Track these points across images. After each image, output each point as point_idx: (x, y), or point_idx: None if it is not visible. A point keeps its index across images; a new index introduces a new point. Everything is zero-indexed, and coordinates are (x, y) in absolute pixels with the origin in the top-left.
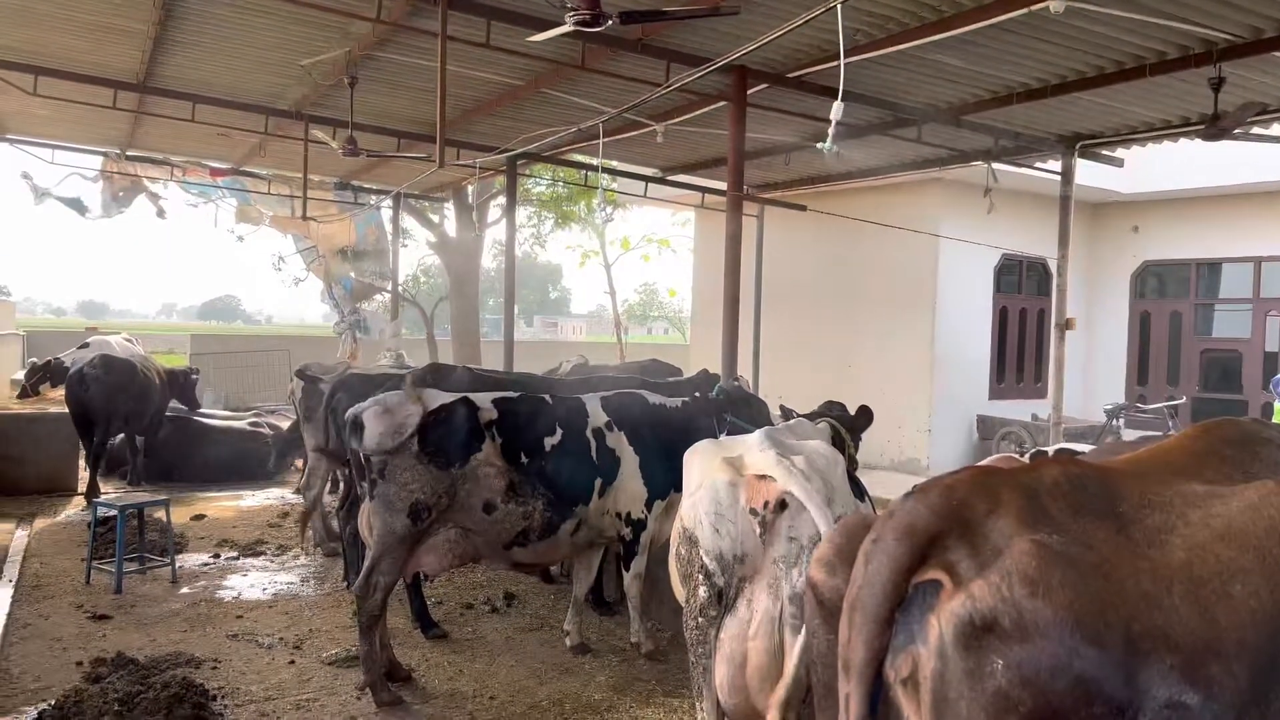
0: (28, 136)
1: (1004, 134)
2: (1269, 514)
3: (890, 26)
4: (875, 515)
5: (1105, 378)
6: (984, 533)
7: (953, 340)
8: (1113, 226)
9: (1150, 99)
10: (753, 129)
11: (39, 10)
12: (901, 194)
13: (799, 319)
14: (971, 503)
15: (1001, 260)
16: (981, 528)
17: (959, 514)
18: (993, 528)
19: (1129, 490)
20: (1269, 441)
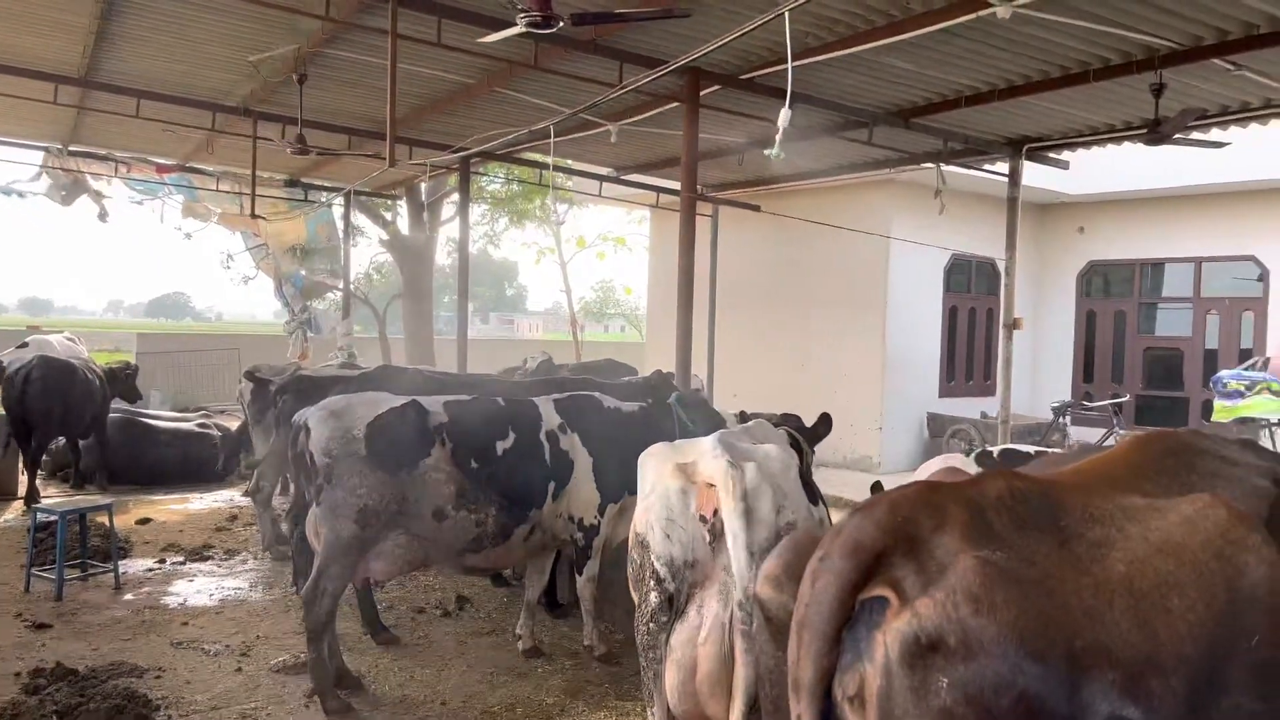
0: None
1: (953, 136)
2: (1205, 527)
3: (840, 30)
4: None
5: (1052, 375)
6: (930, 549)
7: (904, 339)
8: (1059, 227)
9: (1094, 104)
10: (706, 129)
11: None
12: (854, 194)
13: (754, 318)
14: (917, 519)
15: (951, 260)
16: (927, 544)
17: (905, 530)
18: (938, 544)
19: (1071, 504)
20: (1206, 453)
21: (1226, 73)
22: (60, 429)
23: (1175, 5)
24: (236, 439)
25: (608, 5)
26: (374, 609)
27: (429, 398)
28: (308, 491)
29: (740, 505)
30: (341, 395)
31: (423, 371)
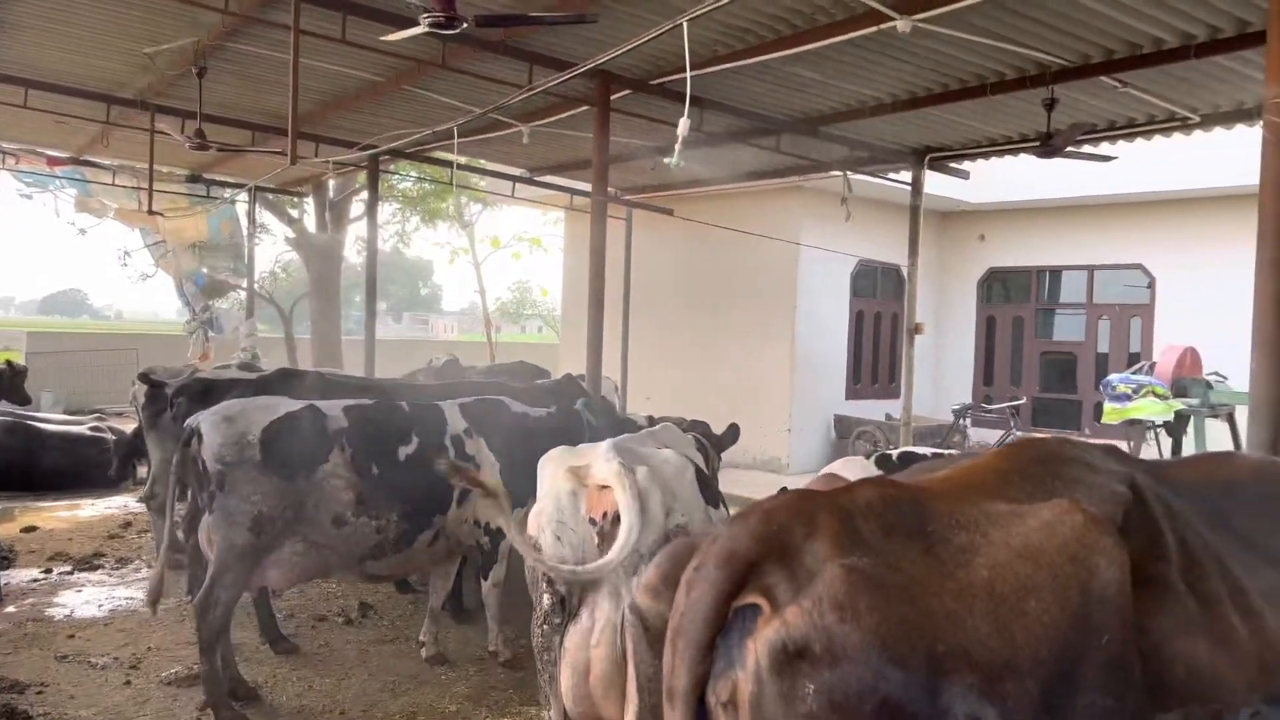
0: None
1: (859, 145)
2: (1061, 531)
3: (749, 39)
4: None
5: (954, 378)
6: (801, 557)
7: (813, 343)
8: (961, 235)
9: (992, 116)
10: (619, 133)
11: None
12: (765, 200)
13: (667, 320)
14: (790, 527)
15: (858, 266)
16: (799, 552)
17: (778, 539)
18: (809, 552)
19: (939, 510)
20: (1071, 460)
21: (1114, 90)
22: None
23: (1066, 25)
24: (130, 443)
25: (516, 7)
26: (272, 618)
27: (328, 402)
28: (200, 498)
29: (635, 505)
30: (236, 400)
31: (324, 374)
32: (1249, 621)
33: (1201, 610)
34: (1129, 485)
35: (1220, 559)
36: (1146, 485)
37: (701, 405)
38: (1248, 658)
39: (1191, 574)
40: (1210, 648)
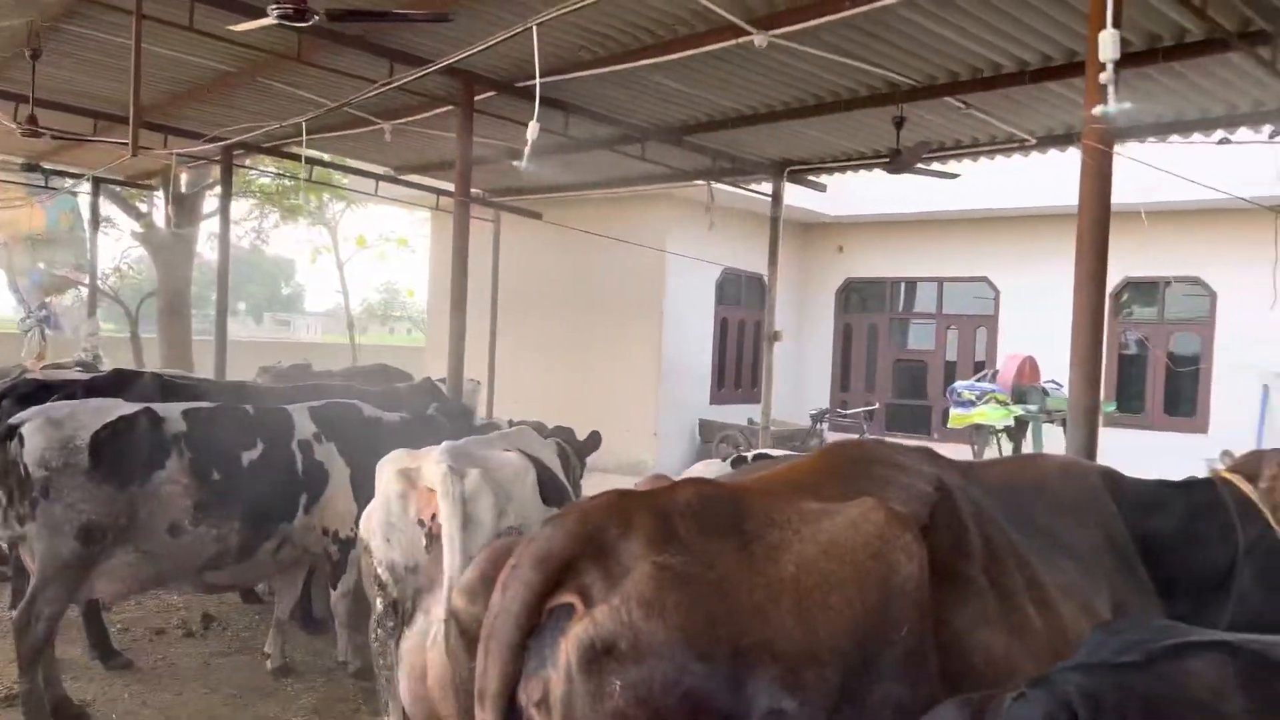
0: None
1: (722, 156)
2: (866, 529)
3: (611, 46)
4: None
5: (814, 384)
6: (616, 555)
7: (679, 348)
8: (821, 246)
9: (846, 132)
10: (485, 134)
11: None
12: (633, 206)
13: (536, 324)
14: (605, 526)
15: (723, 274)
16: (614, 551)
17: (594, 538)
18: (624, 550)
19: (756, 508)
20: (884, 461)
21: (958, 110)
22: None
23: (913, 47)
24: None
25: (371, 3)
26: (103, 632)
27: (166, 405)
28: (20, 506)
29: (458, 509)
30: (64, 402)
31: (163, 376)
32: (1044, 614)
33: (1001, 603)
34: (936, 485)
35: (1021, 554)
36: (955, 485)
37: (570, 409)
38: (1041, 647)
39: (993, 569)
40: (1008, 638)
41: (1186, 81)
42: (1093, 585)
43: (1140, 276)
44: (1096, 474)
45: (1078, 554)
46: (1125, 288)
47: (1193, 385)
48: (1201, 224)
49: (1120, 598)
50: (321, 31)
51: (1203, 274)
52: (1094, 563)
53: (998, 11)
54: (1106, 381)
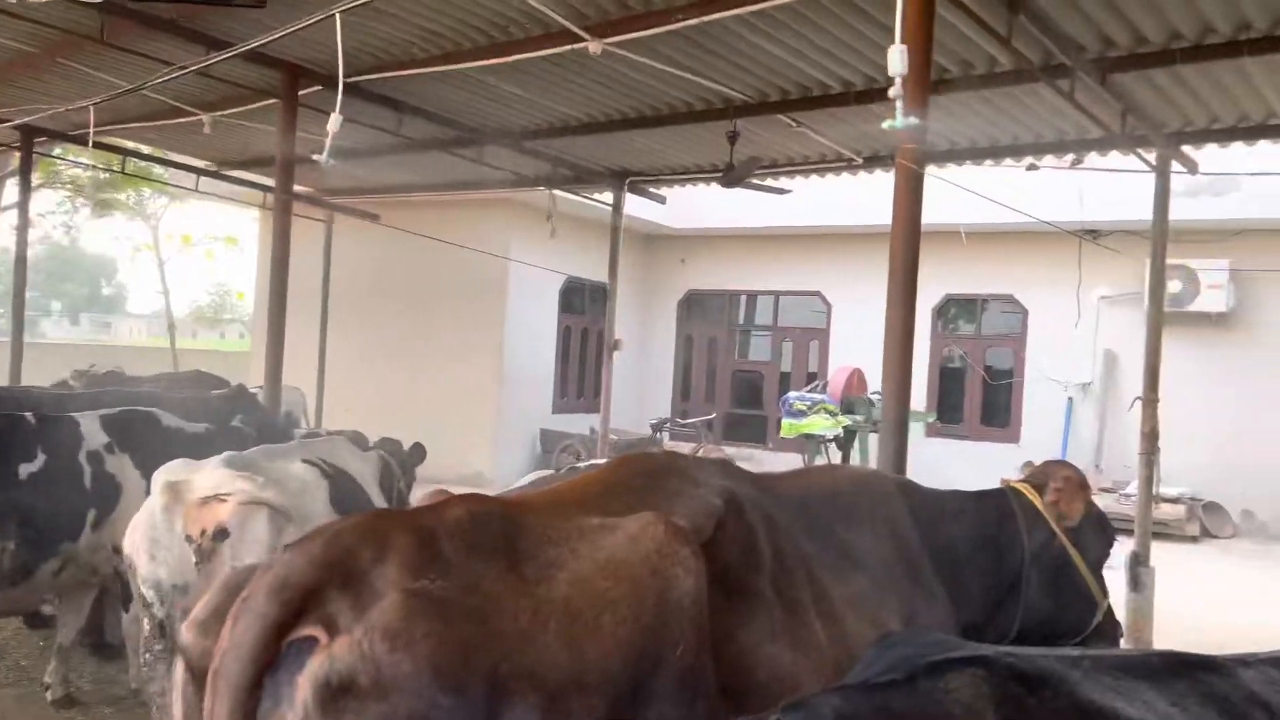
0: None
1: (563, 163)
2: (644, 544)
3: (444, 44)
4: (261, 566)
5: (656, 394)
6: (369, 582)
7: (521, 356)
8: (664, 257)
9: (684, 144)
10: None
11: None
12: (474, 211)
13: (372, 330)
14: (357, 550)
15: (567, 282)
16: (366, 577)
17: (342, 563)
18: (378, 576)
19: (533, 525)
20: (675, 474)
21: (789, 128)
22: None
23: (746, 63)
24: None
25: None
26: None
27: None
28: None
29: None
30: None
31: None
32: (830, 627)
33: (788, 617)
34: (726, 498)
35: (811, 567)
36: (747, 497)
37: (406, 418)
38: (827, 662)
39: (782, 583)
40: (793, 653)
41: (998, 109)
42: (883, 597)
43: (961, 294)
44: (892, 485)
45: (869, 565)
46: (948, 304)
47: (1007, 397)
48: (1016, 246)
49: (911, 608)
50: (125, 12)
51: (1016, 293)
52: (885, 574)
53: (824, 33)
54: (929, 393)
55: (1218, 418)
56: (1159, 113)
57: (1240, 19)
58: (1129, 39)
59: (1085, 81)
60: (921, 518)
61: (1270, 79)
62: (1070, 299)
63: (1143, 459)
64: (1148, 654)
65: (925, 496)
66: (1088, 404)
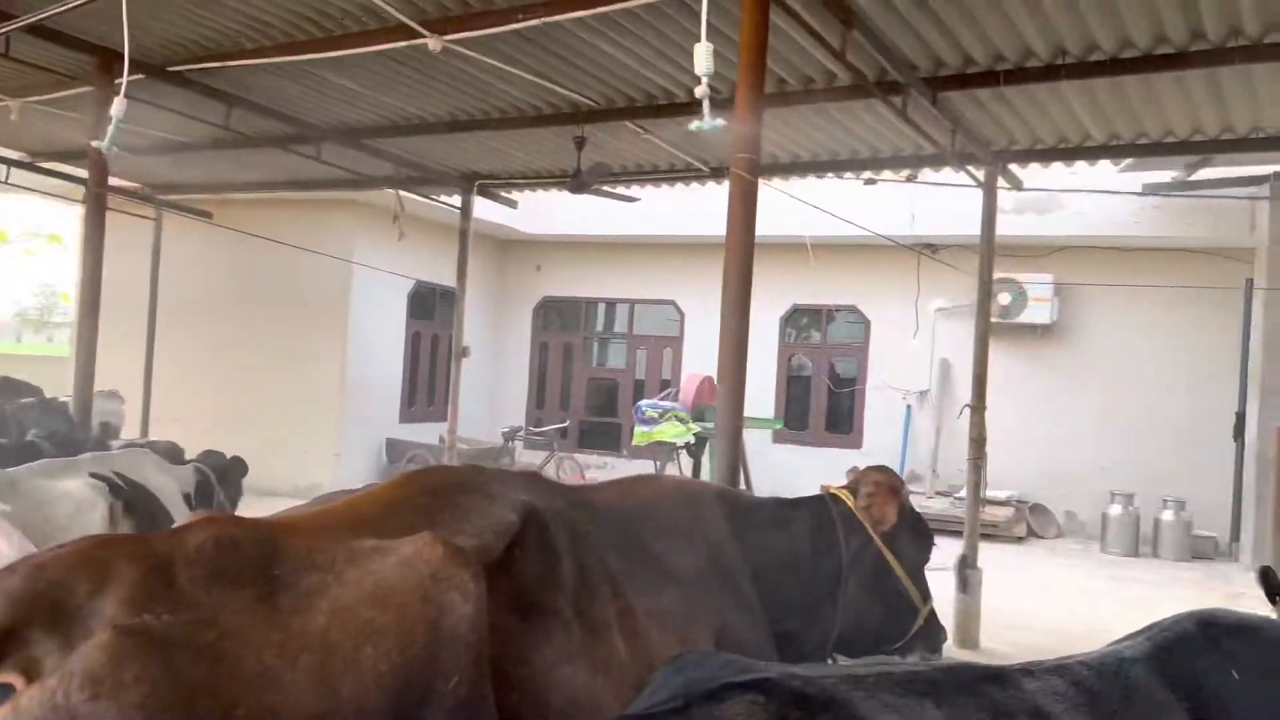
0: None
1: (408, 164)
2: (418, 568)
3: (274, 35)
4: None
5: (510, 402)
6: (83, 619)
7: (365, 363)
8: (519, 262)
9: (533, 148)
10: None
11: None
12: (315, 211)
13: (204, 335)
14: (68, 583)
15: (416, 286)
16: (80, 613)
17: (48, 599)
18: (93, 612)
19: (295, 549)
20: (469, 489)
21: (636, 135)
22: None
23: (590, 67)
24: None
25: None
26: None
27: None
28: None
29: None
30: None
31: None
32: (635, 645)
33: (587, 637)
34: (525, 514)
35: (617, 582)
36: (552, 512)
37: (242, 428)
38: (627, 680)
39: (584, 600)
40: (592, 675)
41: (836, 123)
42: (694, 610)
43: (808, 304)
44: (711, 494)
45: (682, 578)
46: (795, 313)
47: (850, 404)
48: (860, 258)
49: (724, 620)
50: None
51: (860, 303)
52: (699, 585)
53: (668, 40)
54: (776, 400)
55: (1043, 423)
56: (986, 131)
57: (1057, 44)
58: (957, 59)
59: (917, 99)
60: (739, 527)
61: (1085, 103)
62: (910, 310)
63: (971, 464)
64: (935, 669)
65: (743, 505)
66: (926, 411)
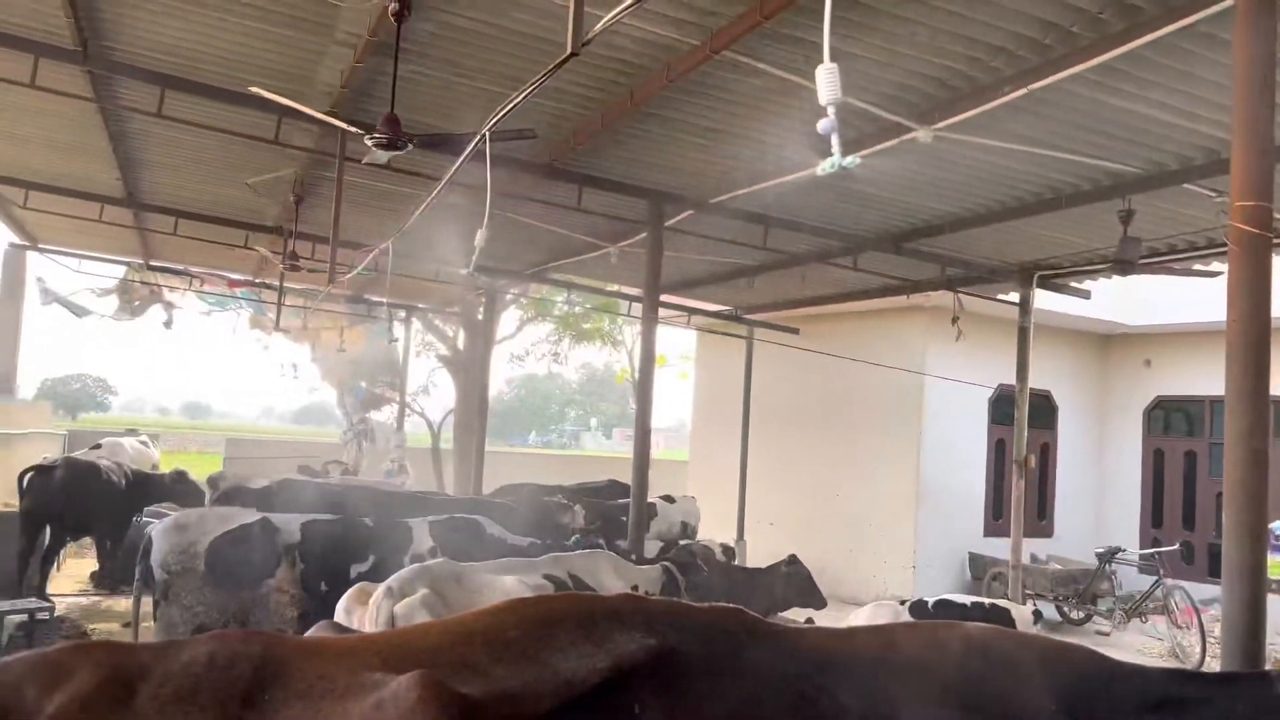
0: (57, 246)
1: (956, 262)
2: (388, 711)
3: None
4: None
5: (1119, 518)
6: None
7: (942, 472)
8: (1124, 359)
9: (1085, 230)
10: (703, 251)
11: (21, 133)
12: (886, 320)
13: (789, 443)
14: (23, 684)
15: (998, 390)
16: (24, 716)
17: (4, 699)
18: (35, 715)
19: (305, 674)
20: (581, 625)
21: (1204, 199)
22: (78, 529)
23: (1114, 130)
24: None
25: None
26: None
27: (285, 515)
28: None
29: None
30: (194, 509)
31: (325, 486)
32: None
33: None
34: (641, 658)
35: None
36: (710, 660)
37: (823, 535)
38: None
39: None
40: None
41: None
42: None
43: None
44: (1042, 654)
45: None
46: None
47: None
48: None
49: None
50: (513, 162)
51: None
52: None
53: (1200, 81)
54: None
55: None
56: None
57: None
58: None
59: None
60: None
61: None
62: None
63: None
64: None
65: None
66: None
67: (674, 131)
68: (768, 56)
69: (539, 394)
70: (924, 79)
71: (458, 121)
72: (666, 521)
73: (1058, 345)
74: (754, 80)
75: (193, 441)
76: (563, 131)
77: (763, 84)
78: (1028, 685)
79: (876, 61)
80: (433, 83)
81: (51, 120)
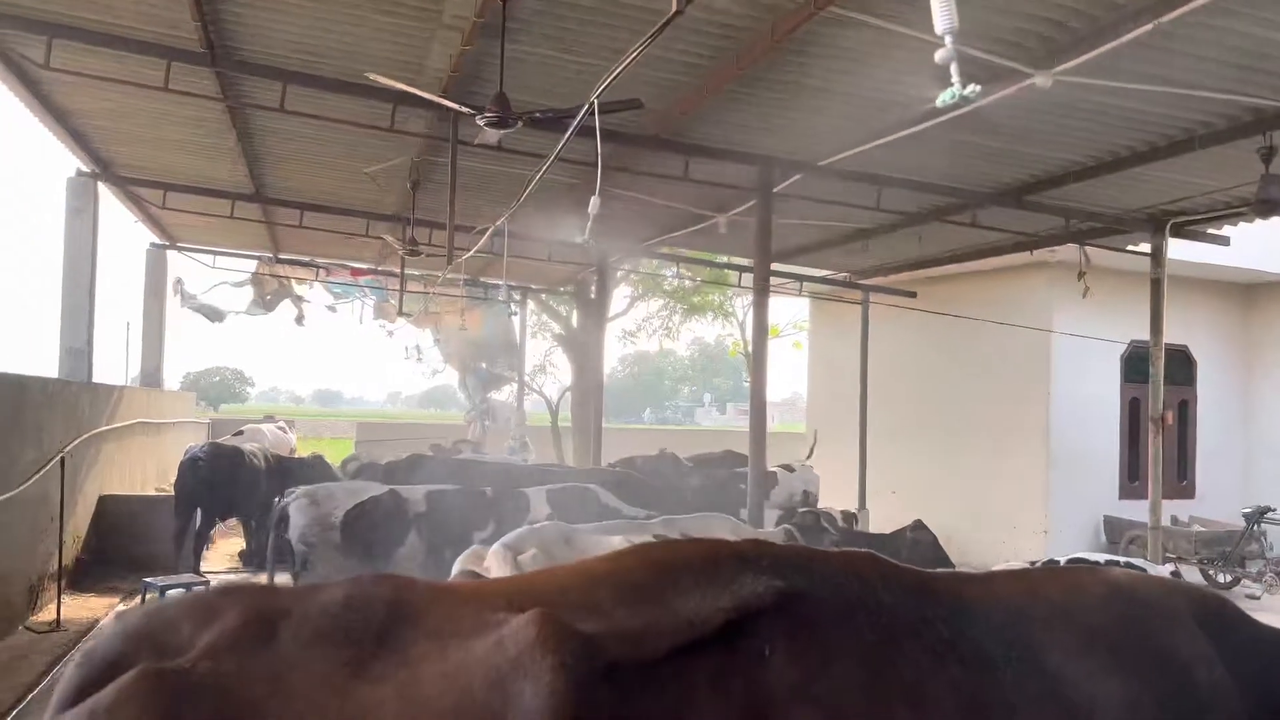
0: (195, 245)
1: (1081, 214)
2: (506, 648)
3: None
4: None
5: (1267, 476)
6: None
7: (1073, 433)
8: (1270, 309)
9: (1221, 172)
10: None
11: (158, 136)
12: (1008, 278)
13: (906, 410)
14: (176, 623)
15: (1131, 347)
16: (179, 652)
17: (157, 637)
18: (179, 653)
19: (437, 615)
20: (706, 568)
21: None
22: (226, 510)
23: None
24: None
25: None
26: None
27: (411, 487)
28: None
29: None
30: (327, 483)
31: (450, 460)
32: None
33: None
34: (771, 601)
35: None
36: (840, 603)
37: (950, 501)
38: None
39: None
40: None
41: None
42: None
43: None
44: (1189, 600)
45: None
46: None
47: None
48: None
49: None
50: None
51: None
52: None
53: None
54: None
55: None
56: None
57: None
58: None
59: None
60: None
61: None
62: None
63: None
64: None
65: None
66: None
67: (780, 94)
68: (875, 8)
69: (651, 371)
70: (1042, 21)
71: (563, 99)
72: (787, 490)
73: (1194, 296)
74: (862, 33)
75: (326, 428)
76: (667, 101)
77: (873, 36)
78: (1179, 632)
79: (991, 6)
80: (537, 61)
81: (184, 122)
